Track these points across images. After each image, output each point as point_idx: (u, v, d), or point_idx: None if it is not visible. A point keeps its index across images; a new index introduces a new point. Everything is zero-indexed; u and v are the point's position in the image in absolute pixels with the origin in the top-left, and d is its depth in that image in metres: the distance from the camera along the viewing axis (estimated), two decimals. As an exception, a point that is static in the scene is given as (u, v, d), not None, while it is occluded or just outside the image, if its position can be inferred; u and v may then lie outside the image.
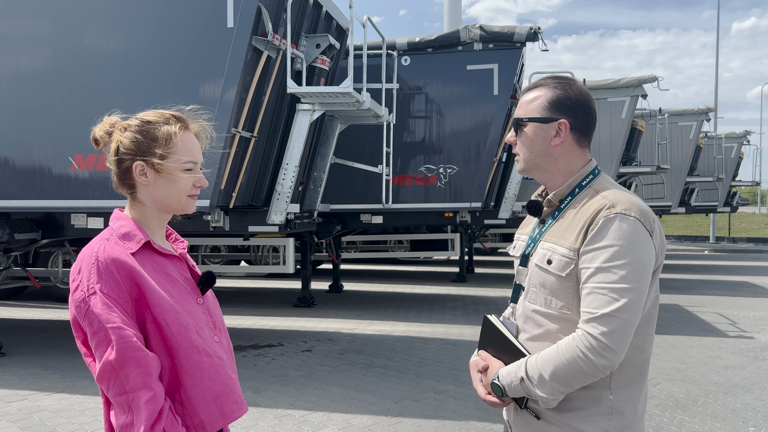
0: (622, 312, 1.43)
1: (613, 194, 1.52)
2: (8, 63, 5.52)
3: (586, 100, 1.61)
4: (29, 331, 7.29)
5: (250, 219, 6.01)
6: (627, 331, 1.44)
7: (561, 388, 1.48)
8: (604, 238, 1.47)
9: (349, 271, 13.48)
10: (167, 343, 1.44)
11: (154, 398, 1.37)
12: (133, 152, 1.51)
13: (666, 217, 25.32)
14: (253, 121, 5.53)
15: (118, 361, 1.37)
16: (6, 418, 4.44)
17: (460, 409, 4.65)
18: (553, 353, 1.49)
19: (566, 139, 1.59)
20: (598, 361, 1.43)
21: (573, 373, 1.46)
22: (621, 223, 1.46)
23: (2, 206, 5.63)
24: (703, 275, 13.25)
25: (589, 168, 1.62)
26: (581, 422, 1.52)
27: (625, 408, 1.52)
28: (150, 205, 1.54)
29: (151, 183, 1.52)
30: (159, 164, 1.50)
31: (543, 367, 1.49)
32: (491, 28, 8.32)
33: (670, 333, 7.37)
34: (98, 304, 1.39)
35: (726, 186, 16.99)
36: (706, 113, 13.87)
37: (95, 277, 1.41)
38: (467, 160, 8.50)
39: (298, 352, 6.40)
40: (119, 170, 1.53)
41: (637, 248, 1.46)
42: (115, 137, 1.53)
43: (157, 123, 1.52)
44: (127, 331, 1.39)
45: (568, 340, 1.48)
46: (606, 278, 1.45)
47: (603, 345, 1.43)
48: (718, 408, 4.77)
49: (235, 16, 5.06)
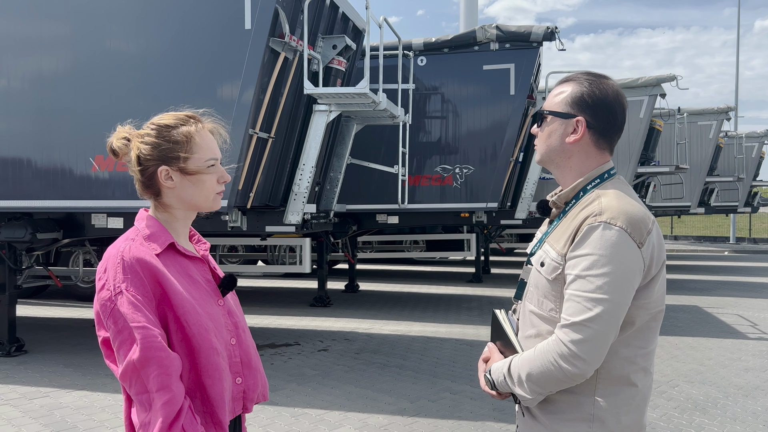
0: (593, 322, 1.41)
1: (607, 200, 1.48)
2: (31, 65, 5.62)
3: (610, 101, 1.55)
4: (51, 330, 7.41)
5: (267, 219, 6.05)
6: (599, 341, 1.42)
7: (538, 389, 1.49)
8: (585, 245, 1.44)
9: (365, 271, 13.50)
10: (188, 344, 1.47)
11: (173, 399, 1.39)
12: (156, 158, 1.51)
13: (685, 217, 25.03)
14: (270, 122, 5.57)
15: (141, 361, 1.39)
16: (28, 414, 4.52)
17: (476, 410, 4.65)
18: (530, 355, 1.50)
19: (582, 137, 1.55)
20: (567, 368, 1.43)
21: (546, 378, 1.46)
22: (604, 231, 1.43)
23: (25, 206, 5.72)
24: (723, 276, 13.08)
25: (600, 171, 1.57)
26: (562, 425, 1.51)
27: (607, 417, 1.48)
28: (177, 206, 1.56)
29: (177, 186, 1.53)
30: (184, 167, 1.51)
31: (521, 368, 1.50)
32: (508, 28, 8.30)
33: (689, 334, 7.29)
34: (124, 304, 1.41)
35: (746, 186, 16.76)
36: (727, 112, 13.69)
37: (121, 277, 1.43)
38: (483, 160, 8.48)
39: (314, 351, 6.43)
40: (143, 177, 1.54)
41: (617, 259, 1.42)
42: (135, 146, 1.52)
43: (175, 125, 1.53)
44: (151, 331, 1.41)
45: (544, 345, 1.48)
46: (583, 286, 1.43)
47: (572, 353, 1.42)
48: (738, 411, 4.71)
49: (252, 17, 5.10)
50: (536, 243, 1.66)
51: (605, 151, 1.59)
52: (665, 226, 24.91)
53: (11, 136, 5.68)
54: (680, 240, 23.67)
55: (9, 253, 6.20)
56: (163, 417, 1.37)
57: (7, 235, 5.90)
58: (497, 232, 13.18)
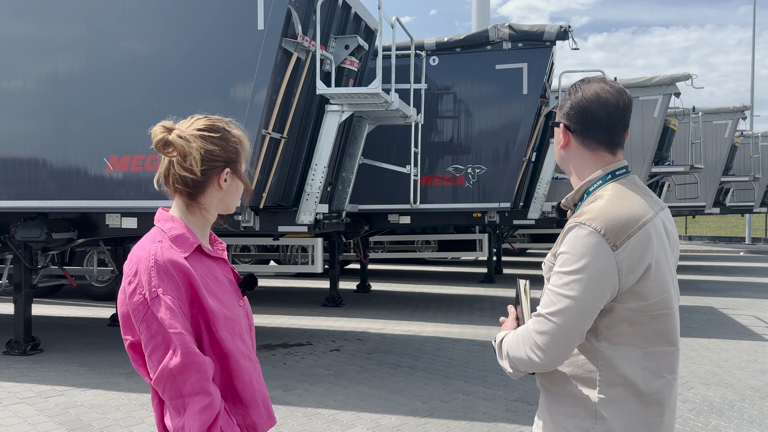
0: (555, 316, 1.47)
1: (597, 203, 1.52)
2: (46, 66, 5.67)
3: (585, 102, 1.58)
4: (65, 328, 7.47)
5: (279, 219, 6.06)
6: (559, 335, 1.47)
7: (517, 366, 1.56)
8: (563, 244, 1.52)
9: (377, 271, 13.50)
10: (219, 347, 1.46)
11: (212, 403, 1.39)
12: (224, 159, 1.52)
13: (700, 217, 24.83)
14: (282, 122, 5.58)
15: (180, 367, 1.37)
16: (44, 413, 4.56)
17: (489, 411, 4.63)
18: (513, 335, 1.59)
19: (570, 142, 1.63)
20: (531, 355, 1.51)
21: (518, 358, 1.55)
22: (578, 231, 1.49)
23: (40, 206, 5.78)
24: (739, 277, 12.94)
25: (604, 172, 1.59)
26: (562, 414, 1.55)
27: (614, 424, 1.49)
28: (215, 208, 1.56)
29: (228, 188, 1.54)
30: (239, 170, 1.55)
31: (508, 344, 1.59)
32: (520, 27, 8.26)
33: (704, 336, 7.22)
34: (161, 309, 1.39)
35: (762, 186, 16.57)
36: (742, 111, 13.55)
37: (156, 281, 1.40)
38: (496, 160, 8.45)
39: (326, 351, 6.43)
40: (202, 177, 1.50)
41: (586, 259, 1.46)
42: (198, 145, 1.49)
43: (229, 129, 1.55)
44: (188, 337, 1.40)
45: (522, 329, 1.56)
46: (554, 281, 1.50)
47: (534, 343, 1.50)
48: (754, 413, 4.66)
49: (265, 18, 5.11)
50: None
51: (600, 150, 1.60)
52: (680, 226, 24.69)
53: (27, 136, 5.73)
54: (695, 240, 23.44)
55: (25, 253, 6.26)
56: (202, 421, 1.36)
57: (23, 235, 5.96)
58: (510, 232, 13.13)
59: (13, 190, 5.76)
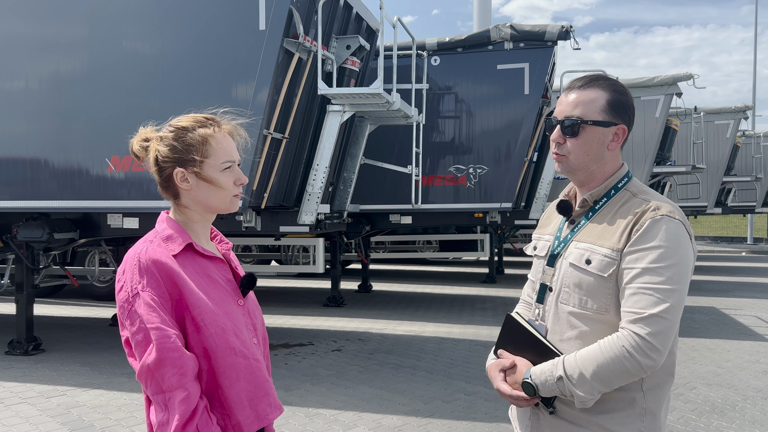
0: (668, 313, 1.44)
1: (655, 197, 1.56)
2: (48, 66, 5.67)
3: (634, 105, 1.64)
4: (67, 328, 7.48)
5: (281, 219, 6.07)
6: (671, 332, 1.46)
7: (601, 387, 1.47)
8: (652, 239, 1.48)
9: (378, 271, 13.50)
10: (205, 344, 1.47)
11: (187, 398, 1.40)
12: (172, 160, 1.53)
13: (702, 217, 24.79)
14: (284, 123, 5.58)
15: (156, 362, 1.40)
16: (46, 413, 4.56)
17: (491, 411, 4.62)
18: (595, 352, 1.47)
19: (620, 143, 1.62)
20: (644, 361, 1.43)
21: (616, 373, 1.45)
22: (668, 224, 1.49)
23: (42, 206, 5.78)
24: (741, 277, 12.92)
25: (625, 170, 1.64)
26: (616, 424, 1.51)
27: (656, 409, 1.53)
28: (194, 208, 1.57)
29: (193, 188, 1.54)
30: (198, 170, 1.52)
31: (584, 366, 1.47)
32: (522, 27, 8.26)
33: (706, 336, 7.21)
34: (141, 305, 1.43)
35: (765, 186, 16.56)
36: (744, 111, 13.54)
37: (137, 278, 1.44)
38: (497, 160, 8.45)
39: (328, 351, 6.43)
40: (161, 179, 1.56)
41: (681, 251, 1.48)
42: (153, 147, 1.55)
43: (192, 128, 1.54)
44: (166, 332, 1.41)
45: (612, 339, 1.47)
46: (652, 279, 1.45)
47: (650, 345, 1.43)
48: (756, 413, 4.65)
49: (267, 18, 5.11)
50: (557, 243, 1.65)
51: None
52: (681, 226, 24.62)
53: (29, 136, 5.74)
54: (697, 240, 23.34)
55: (27, 253, 6.27)
56: (179, 416, 1.38)
57: (25, 235, 5.97)
58: (511, 232, 13.13)
59: (15, 190, 5.77)
